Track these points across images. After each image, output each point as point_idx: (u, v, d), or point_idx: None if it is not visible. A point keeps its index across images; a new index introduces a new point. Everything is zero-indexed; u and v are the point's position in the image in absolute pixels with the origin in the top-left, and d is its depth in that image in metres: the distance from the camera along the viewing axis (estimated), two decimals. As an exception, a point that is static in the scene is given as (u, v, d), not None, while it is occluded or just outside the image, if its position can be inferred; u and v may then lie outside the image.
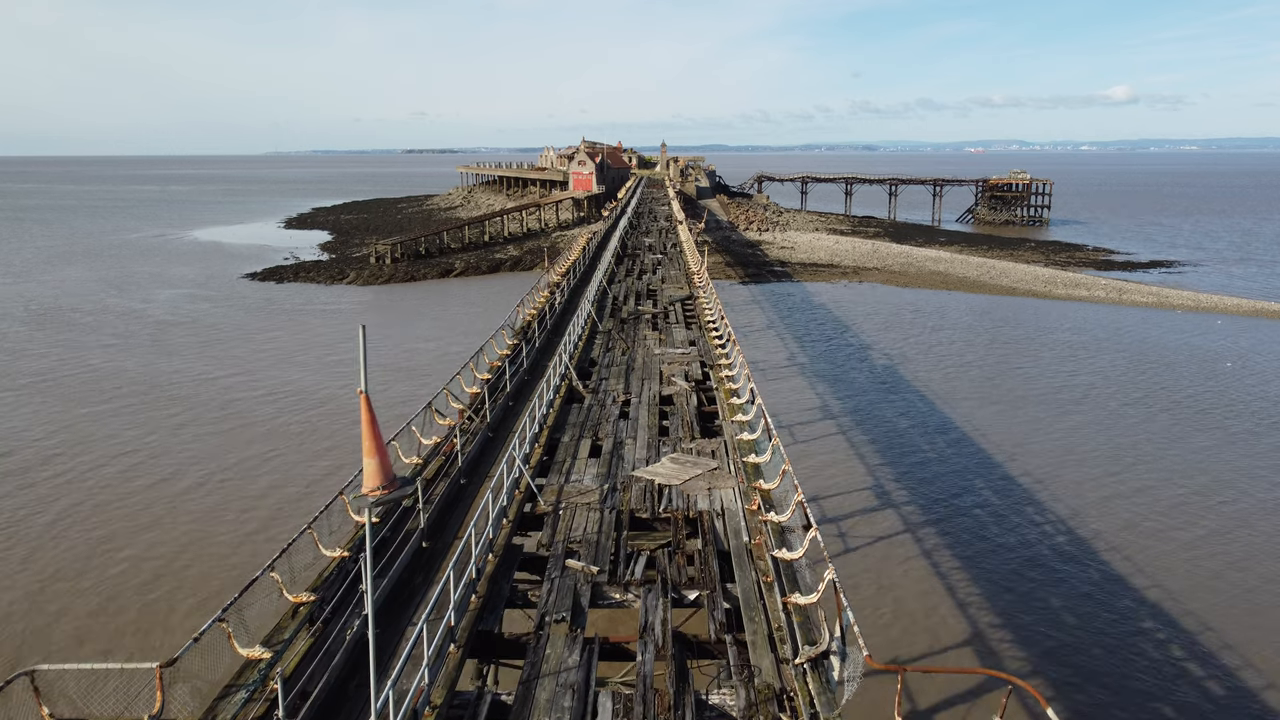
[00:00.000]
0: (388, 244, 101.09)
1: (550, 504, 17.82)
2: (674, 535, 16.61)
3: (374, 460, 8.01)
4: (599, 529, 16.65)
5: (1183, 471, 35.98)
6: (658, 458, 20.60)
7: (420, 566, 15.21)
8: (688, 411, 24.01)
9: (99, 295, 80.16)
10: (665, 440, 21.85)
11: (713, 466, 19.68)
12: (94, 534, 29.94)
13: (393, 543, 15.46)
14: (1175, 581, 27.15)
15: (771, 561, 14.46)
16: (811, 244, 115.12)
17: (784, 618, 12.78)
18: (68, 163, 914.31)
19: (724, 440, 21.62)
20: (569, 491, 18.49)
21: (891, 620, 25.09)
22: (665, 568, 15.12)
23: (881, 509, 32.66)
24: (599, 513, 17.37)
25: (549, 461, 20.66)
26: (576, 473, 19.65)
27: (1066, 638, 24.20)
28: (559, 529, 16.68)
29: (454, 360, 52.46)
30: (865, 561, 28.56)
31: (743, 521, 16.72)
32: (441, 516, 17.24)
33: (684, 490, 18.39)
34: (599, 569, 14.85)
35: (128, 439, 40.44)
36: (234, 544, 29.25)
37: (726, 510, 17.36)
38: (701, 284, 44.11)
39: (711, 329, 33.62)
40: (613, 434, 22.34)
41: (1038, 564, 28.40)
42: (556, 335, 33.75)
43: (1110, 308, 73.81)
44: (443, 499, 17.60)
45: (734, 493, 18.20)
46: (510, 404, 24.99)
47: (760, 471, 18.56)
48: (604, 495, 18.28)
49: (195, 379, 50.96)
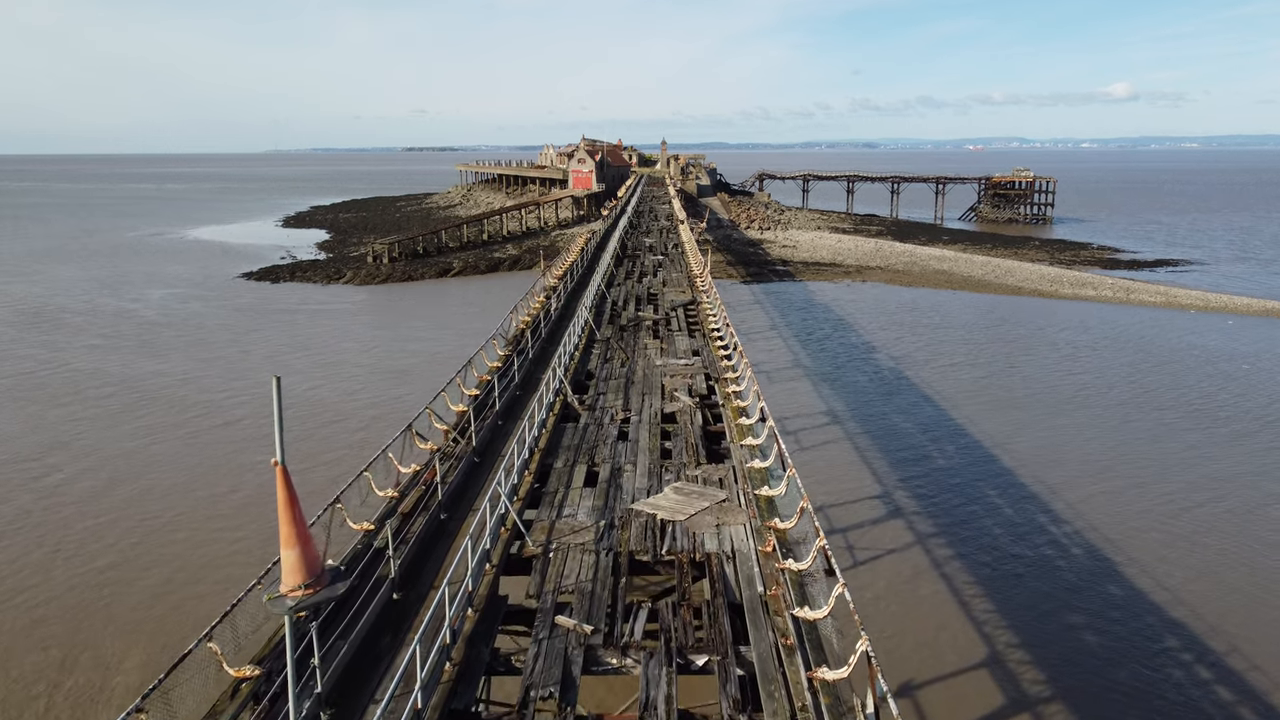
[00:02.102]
0: (385, 243, 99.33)
1: (540, 544, 15.94)
2: (679, 581, 14.75)
3: (294, 551, 6.16)
4: (594, 574, 14.77)
5: (1211, 482, 34.20)
6: (659, 487, 18.72)
7: (389, 623, 13.32)
8: (692, 432, 22.12)
9: (90, 295, 78.50)
10: (668, 466, 19.96)
11: (720, 498, 17.79)
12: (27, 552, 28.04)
13: (359, 593, 13.58)
14: (1209, 602, 25.47)
15: (792, 621, 12.59)
16: (814, 243, 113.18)
17: (809, 697, 10.91)
18: (66, 161, 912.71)
19: (732, 466, 19.73)
20: (561, 528, 16.60)
21: (900, 635, 23.58)
22: (669, 624, 13.24)
23: (889, 518, 31.15)
24: (594, 555, 15.48)
25: (540, 490, 18.78)
26: (570, 505, 17.76)
27: (1089, 658, 22.54)
28: (549, 575, 14.80)
29: (449, 362, 50.75)
30: (873, 574, 27.10)
31: (756, 567, 14.84)
32: (418, 560, 15.36)
33: (689, 527, 16.52)
34: (593, 628, 12.98)
35: (88, 444, 38.69)
36: (188, 570, 27.29)
37: (738, 552, 15.48)
38: (704, 288, 42.22)
39: (716, 338, 31.73)
40: (610, 458, 20.45)
41: (1056, 579, 26.74)
42: (552, 344, 31.85)
43: (1118, 307, 71.99)
44: (420, 539, 15.71)
45: (745, 530, 16.31)
46: (500, 423, 23.09)
47: (774, 506, 16.69)
48: (600, 533, 16.40)
49: (178, 381, 49.28)
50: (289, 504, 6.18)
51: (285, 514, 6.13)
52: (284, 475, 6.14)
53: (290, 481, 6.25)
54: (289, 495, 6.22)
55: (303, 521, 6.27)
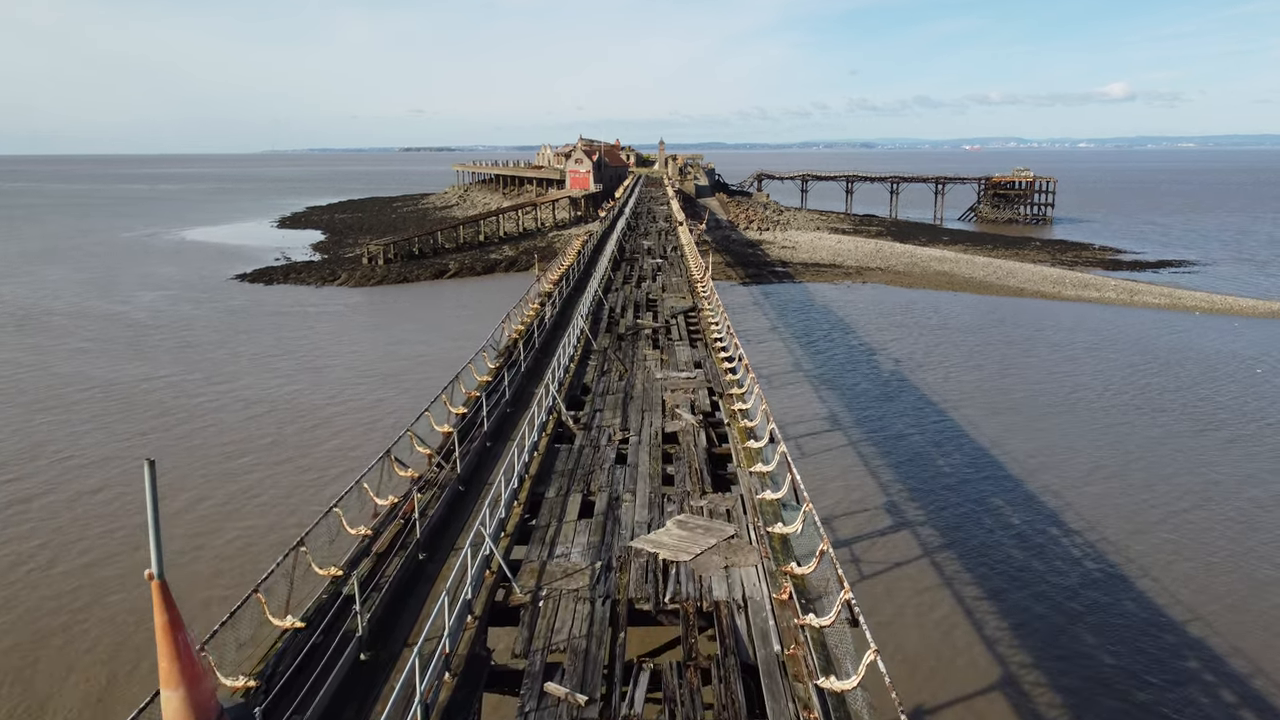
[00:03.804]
0: (380, 244, 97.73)
1: (529, 590, 14.31)
2: (684, 635, 13.14)
3: (178, 694, 4.51)
4: (589, 627, 13.15)
5: (1231, 492, 32.70)
6: (661, 519, 17.10)
7: (355, 692, 11.68)
8: (695, 455, 20.48)
9: (80, 296, 76.93)
10: (669, 495, 18.33)
11: (728, 534, 16.18)
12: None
13: (323, 653, 11.94)
14: (1230, 618, 24.05)
15: (815, 691, 10.99)
16: (813, 243, 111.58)
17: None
18: (62, 161, 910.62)
19: (740, 495, 18.11)
20: (553, 571, 14.97)
21: (908, 652, 22.33)
22: (674, 691, 11.63)
23: (896, 530, 29.83)
24: (589, 603, 13.85)
25: (530, 523, 17.15)
26: (563, 542, 16.12)
27: (1104, 678, 21.19)
28: (538, 628, 13.17)
29: (440, 366, 49.25)
30: (880, 586, 25.73)
31: (771, 620, 13.21)
32: (391, 611, 13.72)
33: (694, 569, 14.89)
34: (588, 698, 11.36)
35: (57, 450, 37.13)
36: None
37: (750, 600, 13.86)
38: (706, 293, 40.60)
39: (719, 348, 30.10)
40: (608, 486, 18.81)
41: (1070, 594, 25.31)
42: (545, 355, 30.21)
43: (1122, 309, 70.51)
44: (394, 585, 14.08)
45: (757, 573, 14.69)
46: (488, 445, 21.44)
47: (789, 546, 15.08)
48: (596, 575, 14.78)
49: (164, 385, 47.74)
50: (169, 630, 4.52)
51: (165, 643, 4.49)
52: (163, 593, 4.50)
53: (171, 600, 4.59)
54: (170, 618, 4.54)
55: (189, 652, 4.63)
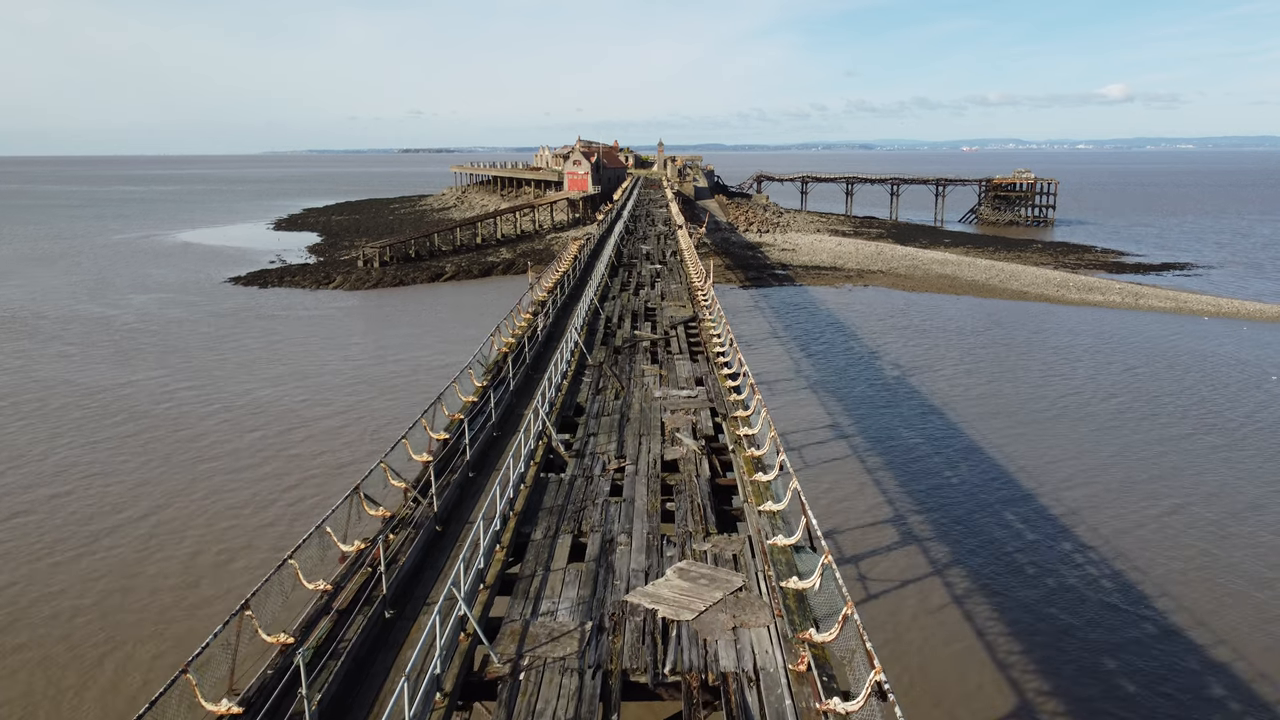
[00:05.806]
0: (376, 246, 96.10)
1: (508, 657, 12.48)
2: (687, 713, 11.34)
3: None
4: (576, 707, 11.34)
5: (1250, 504, 31.10)
6: (660, 565, 15.30)
7: (298, 796, 9.89)
8: (697, 489, 18.65)
9: (70, 300, 75.35)
10: (670, 537, 16.51)
11: (736, 585, 14.38)
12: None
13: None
14: (1250, 639, 22.50)
15: (844, 803, 9.20)
16: (813, 246, 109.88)
17: None
18: (58, 163, 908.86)
19: (748, 537, 16.31)
20: (536, 633, 13.15)
21: (912, 669, 21.01)
22: (675, 794, 9.84)
23: (903, 544, 28.30)
24: (577, 675, 12.03)
25: (514, 573, 15.34)
26: (549, 596, 14.30)
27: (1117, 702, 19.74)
28: (517, 708, 11.36)
29: (432, 374, 47.58)
30: (885, 605, 24.36)
31: (788, 698, 11.40)
32: (348, 685, 11.90)
33: (698, 630, 13.09)
34: (573, 807, 9.56)
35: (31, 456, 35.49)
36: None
37: (762, 671, 12.04)
38: (706, 302, 38.80)
39: (722, 364, 28.29)
40: (601, 525, 17.00)
41: (1082, 613, 23.70)
42: (537, 371, 28.40)
43: (1127, 313, 68.83)
44: (353, 653, 12.25)
45: (770, 636, 12.88)
46: (470, 476, 19.61)
47: (805, 604, 13.28)
48: (586, 639, 12.96)
49: (146, 391, 46.10)
50: None
51: None
52: None
53: None
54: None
55: None
